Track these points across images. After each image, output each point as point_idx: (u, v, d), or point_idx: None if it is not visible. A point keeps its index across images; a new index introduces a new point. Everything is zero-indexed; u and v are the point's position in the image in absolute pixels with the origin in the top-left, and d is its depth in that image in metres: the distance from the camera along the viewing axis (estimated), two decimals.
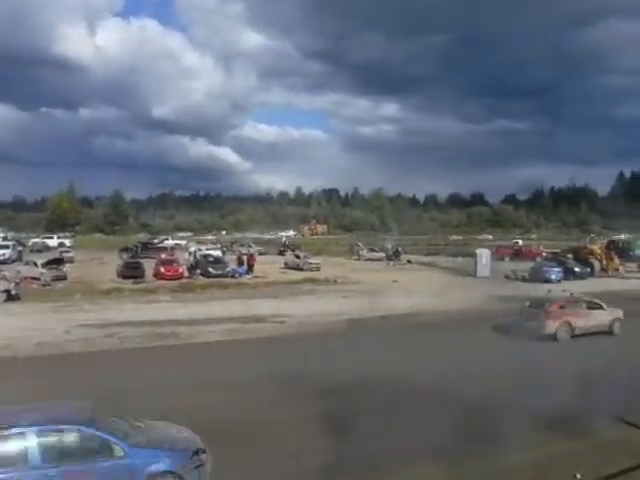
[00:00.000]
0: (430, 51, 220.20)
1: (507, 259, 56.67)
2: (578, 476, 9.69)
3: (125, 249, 54.63)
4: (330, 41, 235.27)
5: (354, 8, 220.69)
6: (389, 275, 42.09)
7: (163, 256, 42.92)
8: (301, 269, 44.49)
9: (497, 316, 25.95)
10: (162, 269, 37.71)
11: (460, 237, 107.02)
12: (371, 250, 60.88)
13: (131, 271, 37.07)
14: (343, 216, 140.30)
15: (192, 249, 49.95)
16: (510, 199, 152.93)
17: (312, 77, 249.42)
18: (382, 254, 57.71)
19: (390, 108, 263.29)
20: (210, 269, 39.37)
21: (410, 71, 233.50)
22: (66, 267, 38.57)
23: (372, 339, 20.56)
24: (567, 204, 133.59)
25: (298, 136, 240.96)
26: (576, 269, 42.04)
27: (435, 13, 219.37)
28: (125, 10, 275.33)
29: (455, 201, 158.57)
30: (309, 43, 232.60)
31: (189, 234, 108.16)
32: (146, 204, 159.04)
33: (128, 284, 34.25)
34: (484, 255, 43.82)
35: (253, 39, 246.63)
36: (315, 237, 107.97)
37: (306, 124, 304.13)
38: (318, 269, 44.51)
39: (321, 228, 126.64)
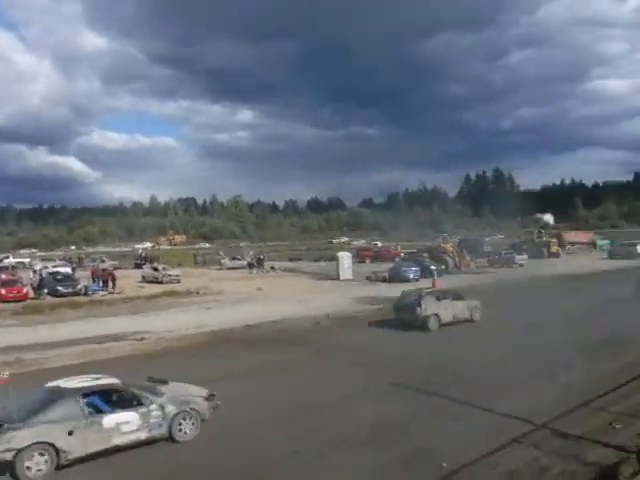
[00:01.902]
0: (284, 57, 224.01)
1: (368, 261, 58.17)
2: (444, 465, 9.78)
3: None
4: (178, 45, 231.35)
5: (204, 12, 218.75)
6: (253, 283, 41.41)
7: (3, 276, 39.19)
8: (160, 282, 42.49)
9: (363, 318, 26.60)
10: (3, 290, 34.38)
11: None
12: (233, 258, 59.82)
13: None
14: (202, 225, 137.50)
15: (37, 267, 46.04)
16: (367, 202, 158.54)
17: (160, 82, 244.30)
18: (245, 262, 56.83)
19: (245, 114, 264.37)
20: (59, 287, 36.34)
21: (264, 77, 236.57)
22: None
23: (236, 351, 20.06)
24: (420, 205, 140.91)
25: (149, 144, 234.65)
26: (432, 267, 43.89)
27: (288, 19, 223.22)
28: None
29: (314, 206, 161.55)
30: (155, 47, 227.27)
31: (34, 251, 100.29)
32: None
33: None
34: (346, 258, 44.59)
35: (94, 41, 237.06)
36: (174, 247, 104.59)
37: (157, 131, 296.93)
38: (178, 281, 42.78)
39: (180, 238, 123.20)
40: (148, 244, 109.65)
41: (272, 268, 53.69)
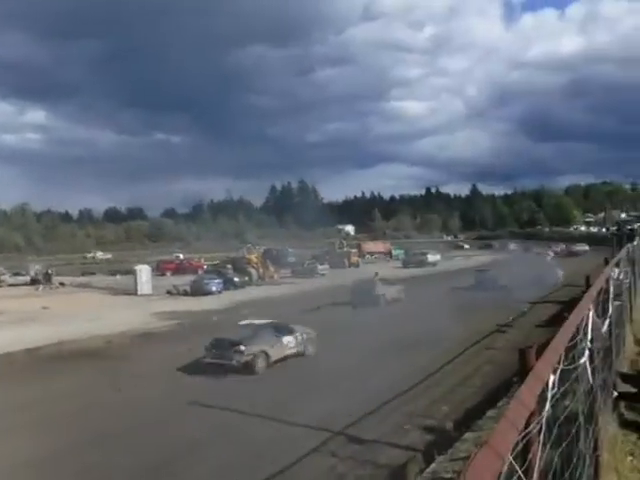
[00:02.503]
0: (82, 57, 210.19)
1: (169, 274, 56.10)
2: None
3: None
4: None
5: None
6: (38, 301, 37.54)
7: None
8: None
9: (161, 334, 25.30)
10: None
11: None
12: (16, 274, 54.05)
13: None
14: None
15: None
16: (170, 213, 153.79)
17: None
18: (28, 278, 51.60)
19: (37, 115, 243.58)
20: None
21: (60, 76, 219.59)
22: None
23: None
24: (226, 216, 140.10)
25: None
26: (235, 279, 43.57)
27: (87, 17, 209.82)
28: None
29: (112, 216, 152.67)
30: None
31: None
32: None
33: None
34: (144, 272, 42.44)
35: None
36: None
37: None
38: None
39: None
40: None
41: (61, 284, 49.41)
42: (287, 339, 19.10)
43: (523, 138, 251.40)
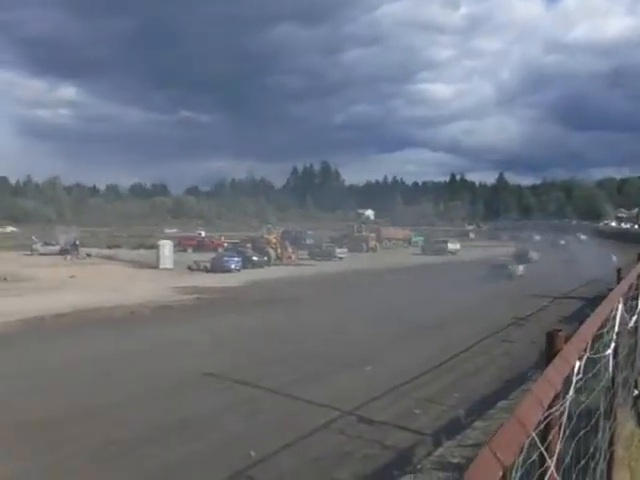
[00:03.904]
0: (114, 35, 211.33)
1: (190, 250, 56.70)
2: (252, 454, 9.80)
3: None
4: None
5: None
6: (66, 270, 38.54)
7: None
8: None
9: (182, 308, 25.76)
10: None
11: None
12: (46, 244, 55.39)
13: None
14: (14, 206, 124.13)
15: None
16: (193, 190, 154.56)
17: None
18: (58, 248, 52.74)
19: (69, 91, 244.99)
20: None
21: (92, 53, 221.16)
22: None
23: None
24: (247, 196, 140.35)
25: None
26: (254, 258, 44.10)
27: None
28: None
29: (137, 191, 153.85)
30: None
31: None
32: None
33: None
34: (167, 247, 43.29)
35: None
36: None
37: None
38: None
39: None
40: None
41: (88, 255, 50.37)
42: (520, 267, 40.14)
43: (556, 126, 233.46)
